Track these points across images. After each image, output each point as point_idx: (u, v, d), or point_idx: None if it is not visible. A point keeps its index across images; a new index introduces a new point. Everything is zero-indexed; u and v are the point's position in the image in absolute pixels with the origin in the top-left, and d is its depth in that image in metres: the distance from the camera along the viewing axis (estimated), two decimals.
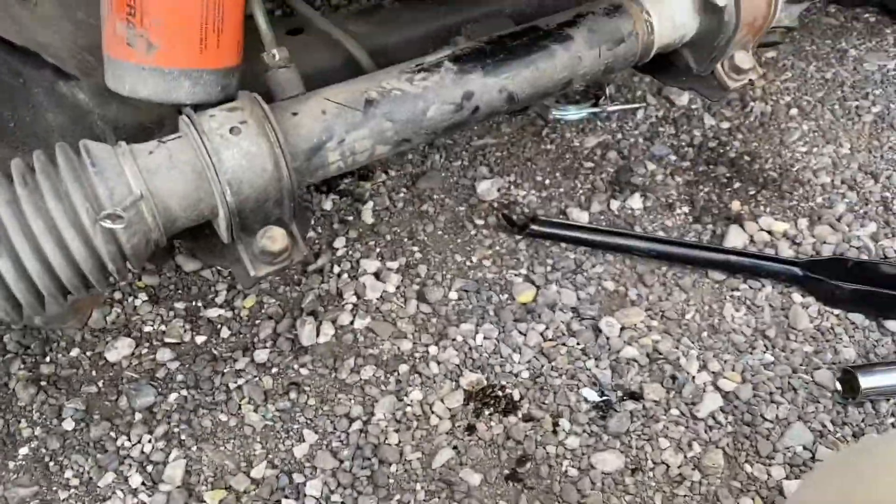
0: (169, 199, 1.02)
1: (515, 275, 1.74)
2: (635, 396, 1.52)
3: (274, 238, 1.08)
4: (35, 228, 0.96)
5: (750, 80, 1.45)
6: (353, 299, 1.68)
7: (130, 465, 1.43)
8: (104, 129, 1.14)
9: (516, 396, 1.53)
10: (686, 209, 1.90)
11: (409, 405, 1.52)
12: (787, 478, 1.44)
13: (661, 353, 1.61)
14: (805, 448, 1.47)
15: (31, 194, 0.96)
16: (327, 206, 1.88)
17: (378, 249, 1.78)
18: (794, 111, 2.15)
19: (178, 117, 1.08)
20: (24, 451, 1.45)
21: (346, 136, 1.14)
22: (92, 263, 1.00)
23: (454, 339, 1.62)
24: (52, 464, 1.43)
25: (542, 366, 1.58)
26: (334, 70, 1.33)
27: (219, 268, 1.72)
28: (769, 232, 1.83)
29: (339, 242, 1.79)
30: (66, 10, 1.20)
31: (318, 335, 1.62)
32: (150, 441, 1.46)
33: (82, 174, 0.97)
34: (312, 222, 1.84)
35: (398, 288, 1.71)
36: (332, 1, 2.19)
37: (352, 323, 1.64)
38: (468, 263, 1.77)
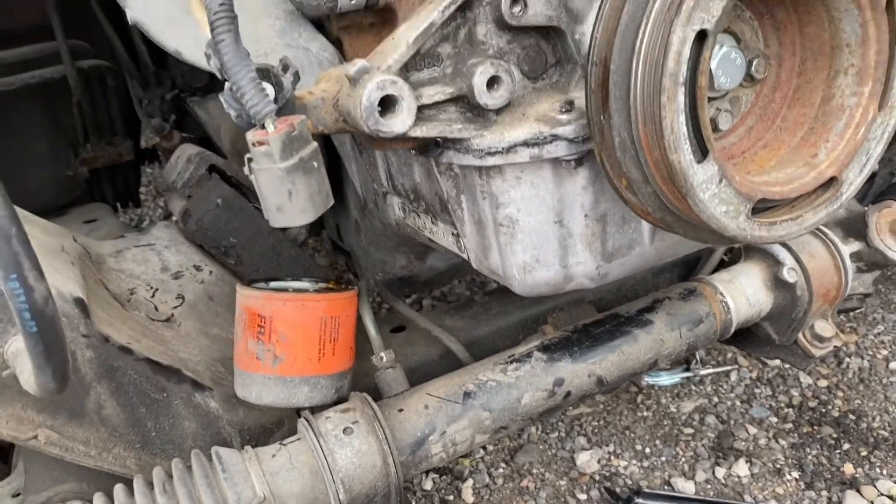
0: (287, 500, 1.10)
1: None
2: None
3: None
4: None
5: (835, 346, 1.48)
6: None
7: None
8: (231, 433, 1.27)
9: None
10: (796, 474, 1.84)
11: None
12: None
13: None
14: None
15: (169, 500, 1.06)
16: (427, 485, 1.92)
17: None
18: (893, 364, 2.12)
19: (298, 419, 1.20)
20: None
21: (447, 427, 1.22)
22: None
23: None
24: None
25: None
26: (435, 362, 1.45)
27: None
28: (890, 497, 1.73)
29: None
30: (203, 325, 1.39)
31: None
32: None
33: (213, 480, 1.07)
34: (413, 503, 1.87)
35: None
36: (421, 304, 2.41)
37: None
38: None
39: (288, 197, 0.88)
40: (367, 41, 1.20)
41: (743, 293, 1.45)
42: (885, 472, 1.80)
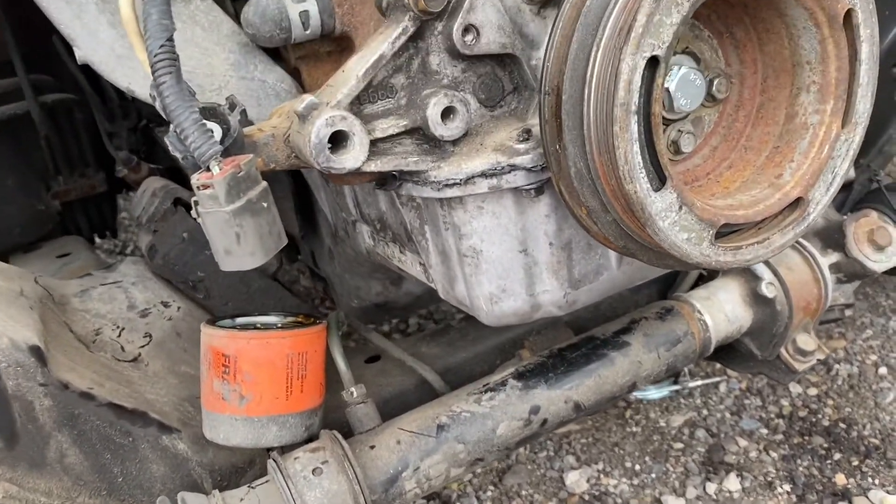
0: None
1: None
2: None
3: None
4: None
5: (818, 359, 1.46)
6: None
7: None
8: (201, 475, 1.24)
9: None
10: (788, 487, 1.81)
11: None
12: None
13: None
14: None
15: None
16: None
17: None
18: (882, 370, 2.10)
19: (268, 459, 1.17)
20: None
21: (421, 463, 1.19)
22: None
23: None
24: None
25: None
26: (410, 392, 1.43)
27: None
28: None
29: None
30: (172, 364, 1.36)
31: None
32: None
33: None
34: None
35: None
36: (408, 323, 2.38)
37: None
38: None
39: (236, 240, 0.85)
40: (325, 70, 1.18)
41: (721, 310, 1.42)
42: (876, 481, 1.78)
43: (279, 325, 1.25)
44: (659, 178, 0.84)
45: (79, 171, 2.04)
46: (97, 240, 2.35)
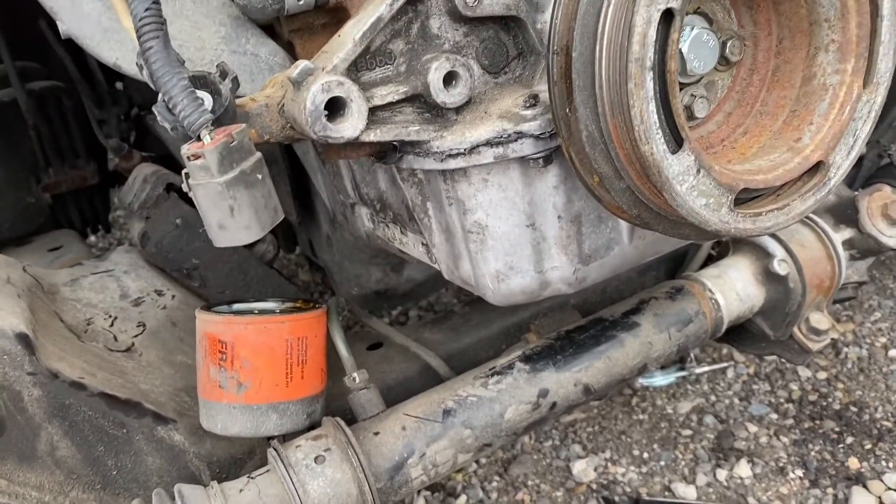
0: None
1: None
2: None
3: None
4: None
5: (832, 338, 1.42)
6: None
7: None
8: (199, 467, 1.19)
9: None
10: (800, 472, 1.77)
11: None
12: None
13: None
14: None
15: None
16: (419, 503, 1.84)
17: None
18: (892, 352, 2.06)
19: (268, 448, 1.12)
20: None
21: (427, 449, 1.15)
22: None
23: None
24: None
25: None
26: (414, 378, 1.38)
27: None
28: None
29: None
30: (167, 353, 1.32)
31: None
32: None
33: None
34: None
35: None
36: (408, 315, 2.33)
37: None
38: None
39: (230, 213, 0.81)
40: (320, 43, 1.13)
41: (733, 288, 1.38)
42: (891, 464, 1.74)
43: (278, 311, 1.20)
44: (675, 140, 0.79)
45: (69, 163, 1.99)
46: (91, 237, 2.30)
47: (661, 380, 2.02)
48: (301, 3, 1.03)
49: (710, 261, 1.56)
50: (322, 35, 1.13)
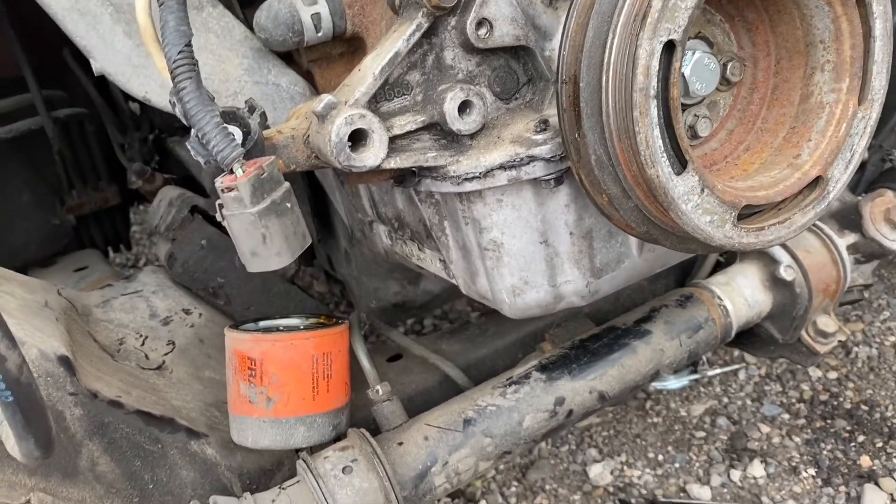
0: None
1: None
2: None
3: None
4: None
5: (839, 341, 1.46)
6: None
7: None
8: (230, 479, 1.24)
9: None
10: (812, 471, 1.81)
11: None
12: None
13: None
14: None
15: None
16: None
17: None
18: None
19: (296, 460, 1.17)
20: None
21: (449, 457, 1.20)
22: None
23: None
24: None
25: None
26: (434, 389, 1.43)
27: None
28: None
29: None
30: (196, 370, 1.37)
31: None
32: None
33: None
34: None
35: None
36: (423, 324, 2.38)
37: None
38: None
39: (262, 241, 0.86)
40: (337, 71, 1.18)
41: (741, 295, 1.42)
42: None
43: (302, 327, 1.26)
44: (680, 162, 0.84)
45: (92, 185, 2.06)
46: (111, 253, 2.36)
47: (674, 383, 2.06)
48: (320, 34, 1.08)
49: (718, 268, 1.60)
50: (339, 63, 1.18)
